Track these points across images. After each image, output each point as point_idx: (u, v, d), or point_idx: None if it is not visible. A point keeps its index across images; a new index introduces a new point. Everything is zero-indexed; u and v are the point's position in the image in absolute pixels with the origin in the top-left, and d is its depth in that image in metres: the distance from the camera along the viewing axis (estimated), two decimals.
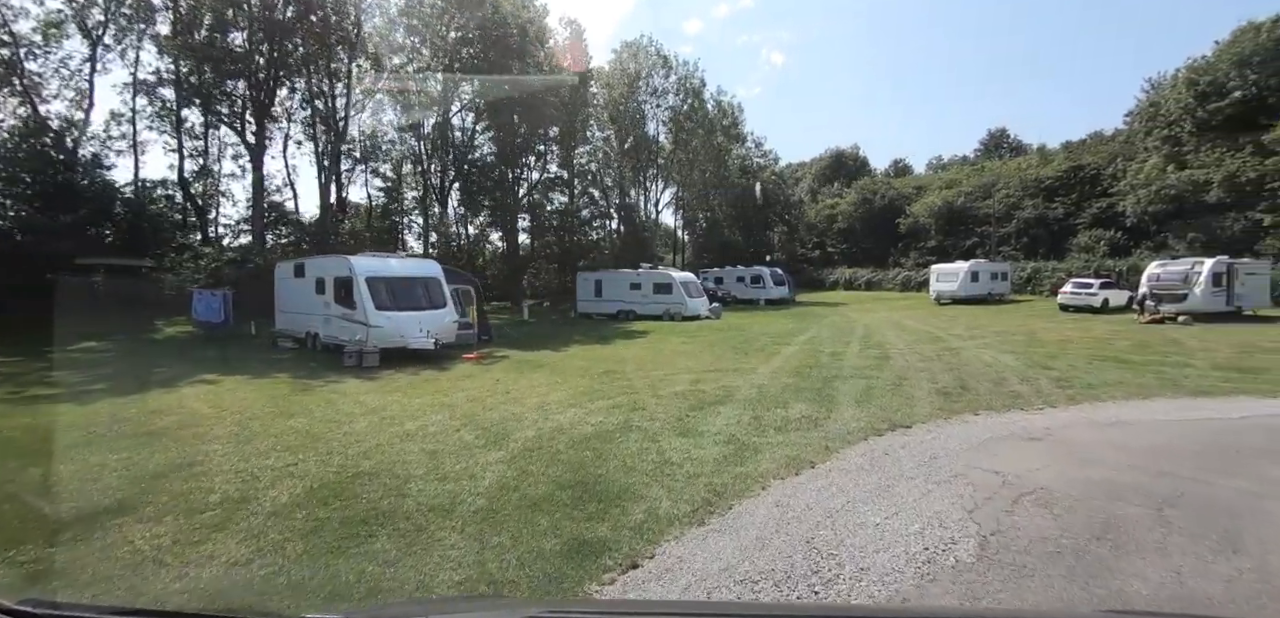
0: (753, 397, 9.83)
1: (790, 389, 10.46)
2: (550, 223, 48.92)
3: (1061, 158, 50.17)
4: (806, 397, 9.80)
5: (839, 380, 11.27)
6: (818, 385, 10.80)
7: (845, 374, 11.96)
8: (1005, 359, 13.94)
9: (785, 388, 10.58)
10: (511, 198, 42.98)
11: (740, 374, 12.22)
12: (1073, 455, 6.72)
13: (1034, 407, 9.32)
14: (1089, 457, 6.67)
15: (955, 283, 34.99)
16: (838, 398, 9.71)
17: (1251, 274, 25.39)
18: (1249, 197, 34.31)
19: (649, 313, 29.05)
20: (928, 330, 20.92)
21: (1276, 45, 36.67)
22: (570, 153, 50.56)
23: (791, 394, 10.02)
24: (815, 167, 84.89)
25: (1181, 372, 12.33)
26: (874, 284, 53.18)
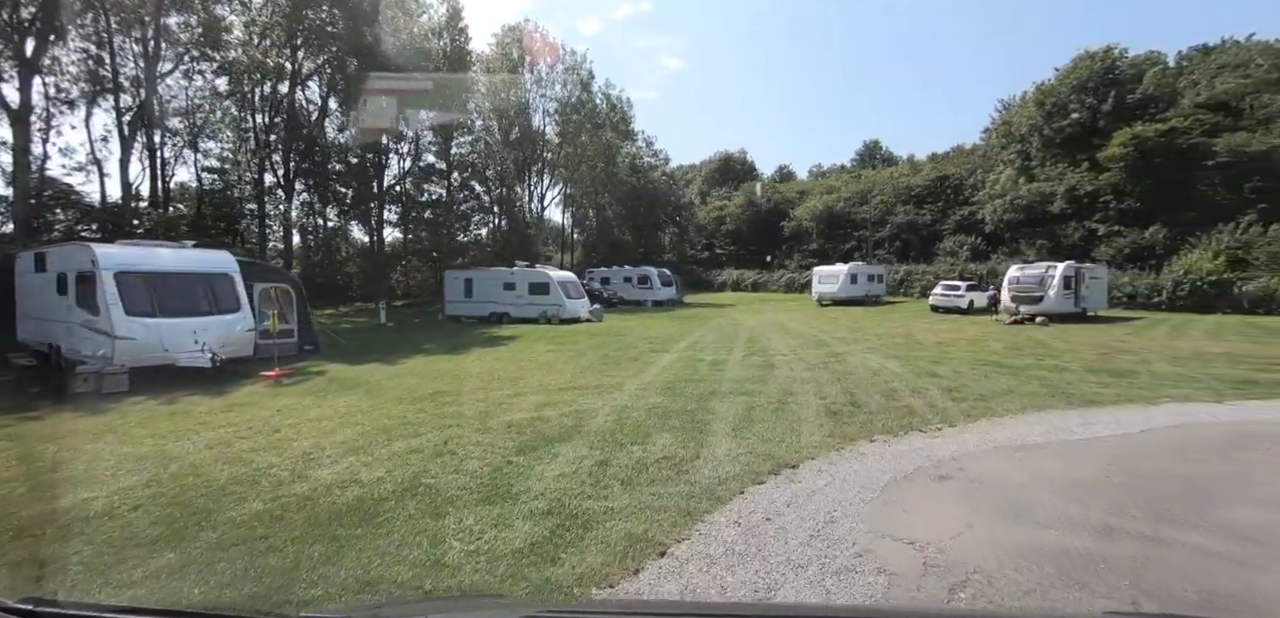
0: (608, 427, 7.75)
1: (657, 413, 8.51)
2: (423, 217, 44.75)
3: (929, 168, 53.22)
4: (675, 424, 7.87)
5: (717, 399, 9.49)
6: (691, 407, 8.94)
7: (725, 390, 10.23)
8: (891, 366, 12.94)
9: (651, 411, 8.61)
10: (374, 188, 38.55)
11: (602, 392, 10.14)
12: (996, 505, 5.22)
13: (932, 427, 8.00)
14: (1015, 505, 5.21)
15: (836, 284, 35.37)
16: (712, 424, 7.87)
17: (1094, 278, 27.19)
18: (1086, 208, 37.54)
19: (524, 315, 26.47)
20: (812, 333, 20.09)
21: (1107, 72, 40.57)
22: (449, 142, 46.71)
23: (657, 421, 8.05)
24: (705, 169, 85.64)
25: (1061, 376, 11.82)
26: (760, 285, 53.65)
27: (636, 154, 65.84)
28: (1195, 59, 48.15)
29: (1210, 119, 36.39)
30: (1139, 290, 31.11)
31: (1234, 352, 15.68)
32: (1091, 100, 40.43)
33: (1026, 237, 39.60)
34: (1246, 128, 36.17)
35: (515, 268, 28.31)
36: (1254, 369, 12.92)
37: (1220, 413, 9.14)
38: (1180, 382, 11.39)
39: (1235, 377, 11.95)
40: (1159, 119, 36.87)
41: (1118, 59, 41.16)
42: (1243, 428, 8.13)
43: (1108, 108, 39.62)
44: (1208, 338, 19.32)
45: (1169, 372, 12.53)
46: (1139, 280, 31.50)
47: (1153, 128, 35.82)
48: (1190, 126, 35.50)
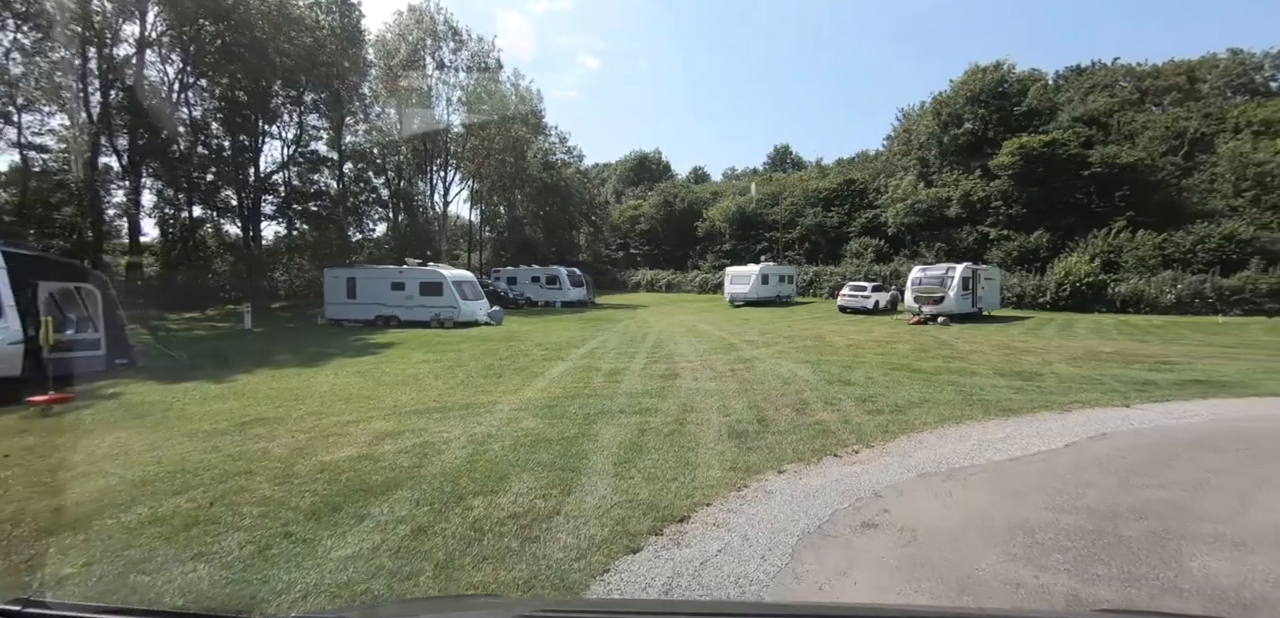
0: (455, 467, 6.06)
1: (526, 444, 6.89)
2: (309, 210, 40.62)
3: (836, 173, 54.58)
4: (544, 459, 6.30)
5: (604, 421, 8.00)
6: (570, 433, 7.39)
7: (616, 408, 8.75)
8: (802, 373, 11.96)
9: (520, 441, 6.99)
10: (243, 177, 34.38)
11: (468, 415, 8.40)
12: (934, 569, 4.01)
13: (848, 449, 6.88)
14: (957, 569, 4.02)
15: (747, 285, 35.01)
16: (591, 458, 6.35)
17: (989, 279, 28.11)
18: (979, 212, 39.33)
19: (414, 319, 24.01)
20: (722, 337, 19.09)
21: (996, 86, 42.80)
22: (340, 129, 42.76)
23: (522, 456, 6.45)
24: (620, 168, 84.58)
25: (972, 381, 11.24)
26: (674, 286, 53.05)
27: (549, 150, 63.70)
28: (1070, 78, 52.13)
29: (1085, 132, 39.12)
30: (1026, 291, 32.70)
31: (1123, 351, 16.01)
32: (983, 112, 42.58)
33: (926, 240, 41.05)
34: (1115, 142, 39.17)
35: (405, 266, 25.71)
36: (1146, 369, 12.98)
37: (1133, 419, 8.65)
38: (1085, 385, 11.07)
39: (1132, 378, 11.84)
40: (1041, 131, 39.22)
41: (1006, 74, 43.59)
42: (1163, 439, 7.57)
43: (997, 119, 41.84)
44: (1093, 337, 20.01)
45: (1071, 373, 12.30)
46: (1026, 282, 33.13)
47: (1036, 139, 38.01)
48: (1068, 139, 37.95)
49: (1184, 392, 10.64)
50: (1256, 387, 11.18)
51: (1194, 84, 45.96)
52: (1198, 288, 29.19)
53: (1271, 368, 13.23)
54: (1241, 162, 35.15)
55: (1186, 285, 29.41)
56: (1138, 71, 49.29)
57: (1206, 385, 11.21)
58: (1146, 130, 40.44)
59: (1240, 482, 5.91)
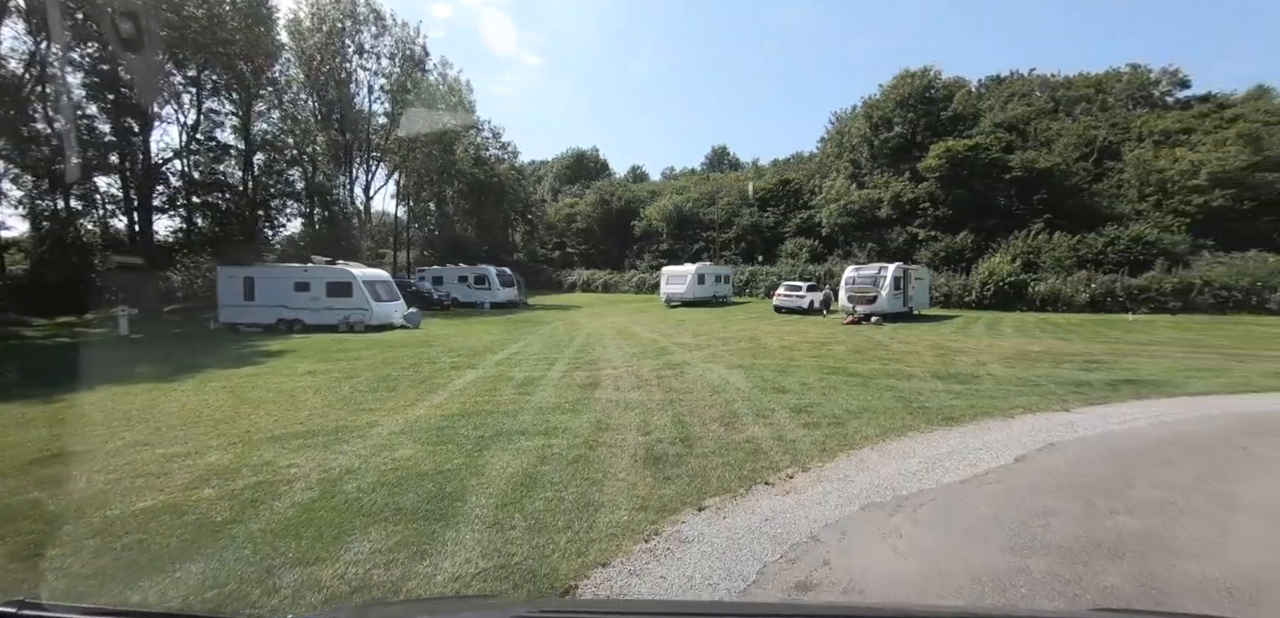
0: (281, 523, 4.68)
1: (391, 482, 5.57)
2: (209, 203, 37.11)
3: (771, 173, 54.82)
4: (407, 504, 5.01)
5: (500, 445, 6.75)
6: (454, 463, 6.11)
7: (519, 427, 7.51)
8: (735, 380, 11.04)
9: (383, 480, 5.65)
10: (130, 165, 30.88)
11: (338, 439, 6.98)
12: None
13: (782, 473, 5.91)
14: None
15: (684, 285, 34.27)
16: (468, 499, 5.11)
17: (918, 279, 28.38)
18: (909, 214, 40.09)
19: (321, 322, 21.86)
20: (654, 339, 18.09)
21: (923, 91, 43.84)
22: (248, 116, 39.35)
23: (382, 499, 5.13)
24: (557, 165, 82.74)
25: (910, 386, 10.62)
26: (611, 286, 51.92)
27: (482, 145, 61.39)
28: (991, 87, 54.26)
29: (1006, 138, 40.55)
30: (953, 290, 33.39)
31: (1050, 350, 15.99)
32: (912, 116, 43.54)
33: (859, 240, 41.56)
34: (1033, 148, 40.77)
35: (310, 265, 23.46)
36: (1077, 368, 12.81)
37: (1077, 426, 8.13)
38: (1022, 387, 10.64)
39: (1065, 378, 11.56)
40: (966, 136, 40.38)
41: (933, 80, 44.73)
42: (1112, 448, 7.00)
43: (925, 124, 42.86)
44: (1020, 335, 20.20)
45: (1006, 375, 11.93)
46: (953, 281, 33.84)
47: (961, 143, 39.07)
48: (990, 144, 39.19)
49: (1118, 393, 10.35)
50: (1183, 386, 11.06)
51: (1101, 95, 48.60)
52: (1109, 287, 30.49)
53: (1190, 366, 13.32)
54: (1145, 169, 37.22)
55: (1099, 285, 30.68)
56: (1052, 82, 51.79)
57: (1137, 385, 11.01)
58: (1061, 137, 42.37)
59: (1207, 504, 5.28)
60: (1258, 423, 8.47)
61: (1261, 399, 10.14)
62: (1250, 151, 34.25)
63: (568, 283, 55.65)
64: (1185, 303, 28.82)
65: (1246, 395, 10.48)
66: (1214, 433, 7.78)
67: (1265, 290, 27.62)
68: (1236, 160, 33.99)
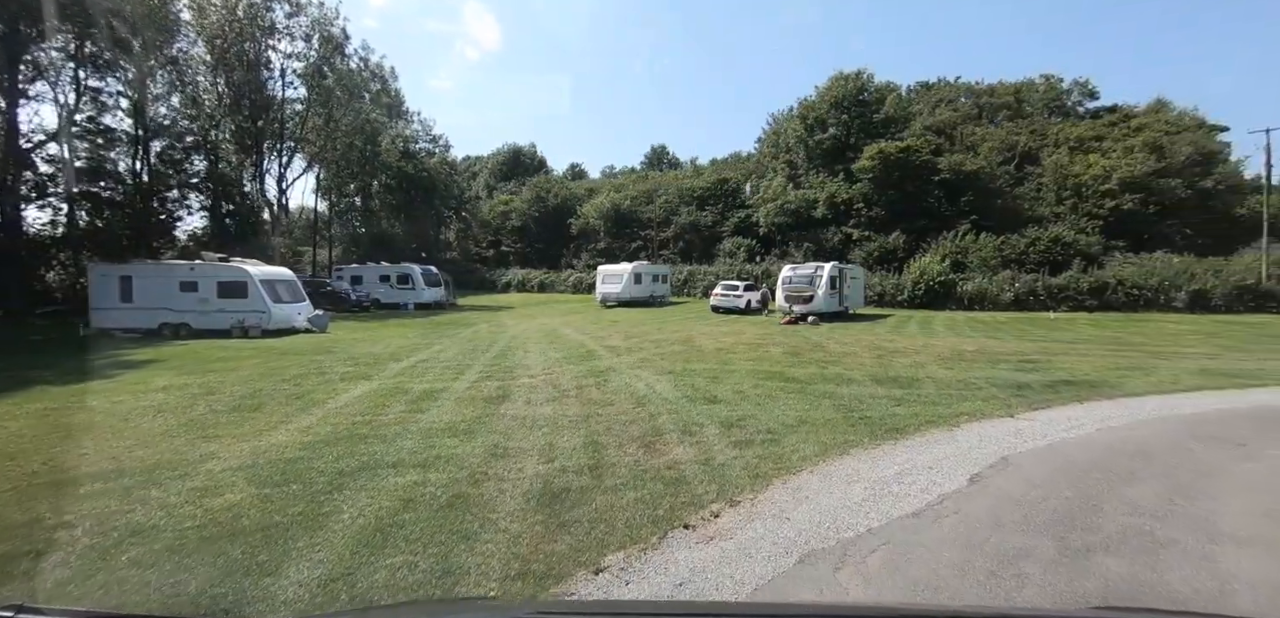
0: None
1: (178, 552, 4.17)
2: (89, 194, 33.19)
3: (710, 172, 54.52)
4: (185, 588, 3.63)
5: (360, 482, 5.42)
6: (289, 515, 4.75)
7: (392, 459, 6.17)
8: (662, 388, 9.99)
9: (172, 548, 4.24)
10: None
11: (140, 487, 5.45)
12: None
13: (707, 510, 4.87)
14: None
15: (620, 285, 33.18)
16: (281, 573, 3.80)
17: (853, 278, 28.32)
18: (843, 214, 40.43)
19: (211, 326, 19.52)
20: (582, 342, 16.89)
21: (858, 93, 44.40)
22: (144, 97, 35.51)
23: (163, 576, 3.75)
24: (493, 162, 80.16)
25: (851, 392, 9.88)
26: (547, 286, 50.26)
27: (411, 137, 58.52)
28: (920, 92, 55.82)
29: (935, 141, 41.55)
30: (886, 290, 33.71)
31: (984, 349, 15.79)
32: (846, 117, 44.02)
33: (795, 240, 41.62)
34: (959, 151, 41.92)
35: (198, 263, 20.98)
36: (1013, 368, 12.48)
37: (1025, 434, 7.51)
38: (963, 391, 10.08)
39: (1004, 380, 11.13)
40: (897, 138, 41.08)
41: (866, 83, 45.39)
42: (1068, 460, 6.34)
43: (858, 126, 43.42)
44: (952, 333, 20.15)
45: (946, 377, 11.40)
46: (886, 281, 34.18)
47: (893, 145, 39.69)
48: (920, 147, 40.01)
49: (1058, 395, 9.93)
50: (1118, 386, 10.81)
51: (1021, 104, 50.79)
52: (1032, 286, 31.43)
53: (1118, 365, 13.25)
54: (1061, 174, 38.87)
55: (1022, 284, 31.59)
56: (976, 89, 53.78)
57: (1075, 386, 10.68)
58: (985, 142, 43.84)
59: (1189, 535, 4.56)
60: (1198, 426, 8.10)
61: (1193, 399, 9.93)
62: (1155, 159, 36.24)
63: (502, 283, 53.59)
64: (1101, 301, 29.98)
65: (1177, 395, 10.27)
66: (1164, 441, 7.29)
67: (1171, 290, 29.04)
68: (1143, 167, 35.87)
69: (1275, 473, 6.18)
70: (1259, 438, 7.49)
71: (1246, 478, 5.95)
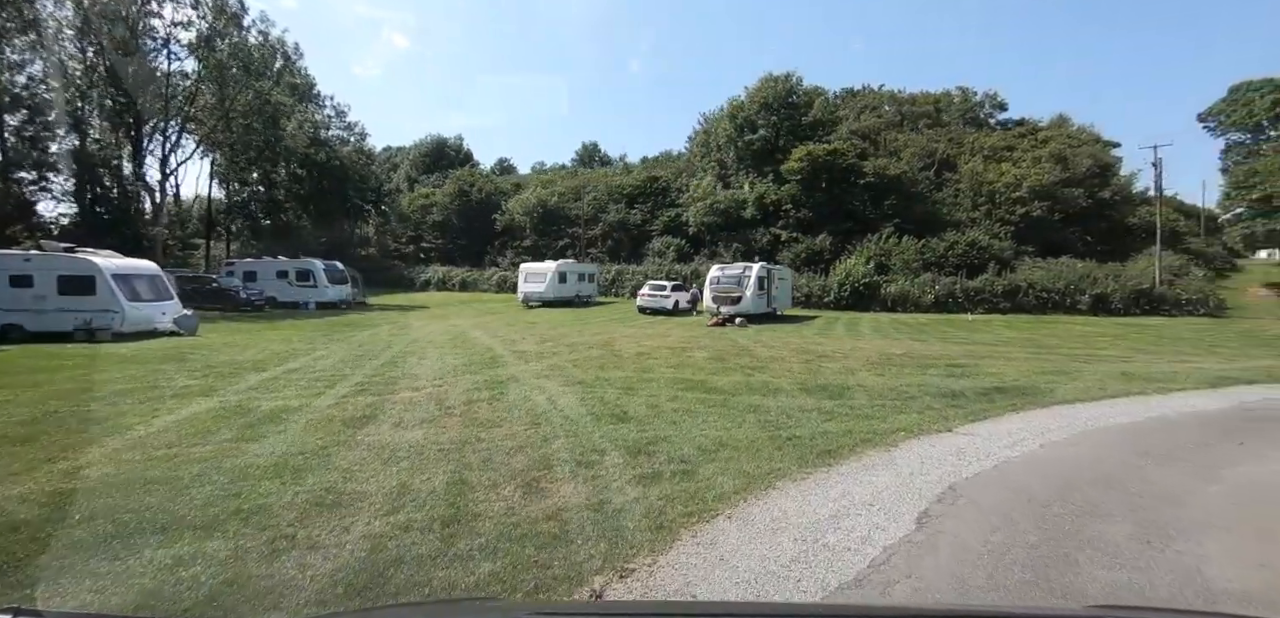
0: None
1: None
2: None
3: (640, 170, 53.56)
4: None
5: (98, 559, 3.76)
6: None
7: (171, 514, 4.56)
8: (566, 403, 8.65)
9: None
10: None
11: None
12: None
13: (587, 584, 3.56)
14: None
15: (543, 284, 31.55)
16: None
17: (781, 279, 27.93)
18: (772, 215, 40.32)
19: (49, 328, 16.59)
20: (490, 347, 15.31)
21: (787, 95, 44.52)
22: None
23: None
24: (415, 153, 76.19)
25: (777, 404, 8.88)
26: (470, 284, 47.81)
27: (322, 122, 54.44)
28: (846, 98, 56.93)
29: (860, 146, 42.14)
30: (813, 291, 33.68)
31: (912, 353, 15.34)
32: (775, 119, 44.05)
33: (724, 240, 41.19)
34: (883, 156, 42.73)
35: (35, 253, 17.89)
36: (943, 374, 11.91)
37: (967, 454, 6.67)
38: (897, 401, 9.29)
39: (937, 387, 10.47)
40: (825, 141, 41.40)
41: (795, 85, 45.61)
42: (1023, 489, 5.45)
43: (787, 127, 43.52)
44: (878, 336, 19.86)
45: (877, 385, 10.63)
46: (813, 282, 34.16)
47: (821, 148, 39.93)
48: (847, 150, 40.45)
49: (993, 405, 9.29)
50: (1049, 393, 10.35)
51: (939, 113, 52.63)
52: (950, 289, 32.13)
53: (1043, 369, 12.98)
54: (976, 180, 40.25)
55: (942, 286, 32.24)
56: (898, 98, 55.39)
57: (1007, 394, 10.13)
58: (908, 148, 44.94)
59: (1187, 591, 3.64)
60: (1140, 439, 7.55)
61: (1122, 406, 9.55)
62: (1060, 169, 38.03)
63: (421, 281, 50.62)
64: (1013, 303, 30.96)
65: (1106, 402, 9.88)
66: (1115, 460, 6.60)
67: (1076, 293, 30.31)
68: (1049, 176, 37.56)
69: (1239, 501, 5.51)
70: (1204, 452, 6.96)
71: (1215, 508, 5.23)
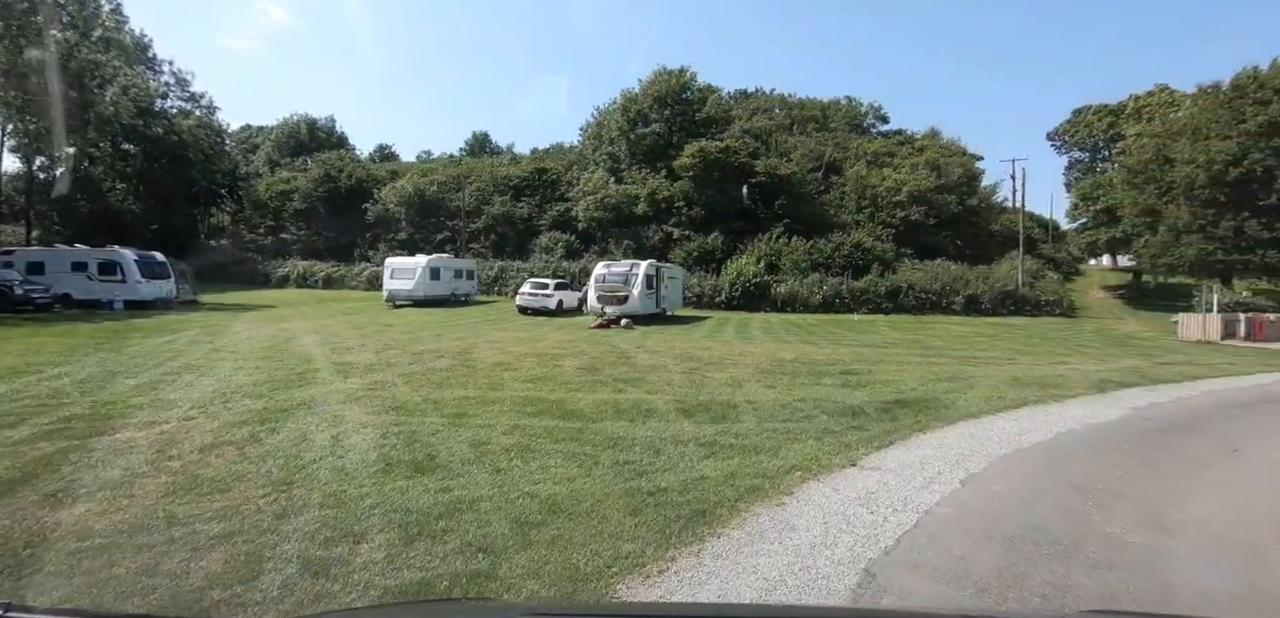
0: None
1: None
2: None
3: (528, 161, 50.70)
4: None
5: None
6: None
7: None
8: (359, 442, 6.29)
9: None
10: None
11: None
12: None
13: None
14: None
15: (412, 281, 28.17)
16: None
17: (671, 278, 26.52)
18: (665, 212, 39.07)
19: None
20: (312, 358, 12.41)
21: (681, 90, 43.51)
22: None
23: None
24: (279, 134, 68.26)
25: (647, 433, 7.01)
26: (336, 281, 42.77)
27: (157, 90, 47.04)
28: (738, 99, 57.17)
29: (753, 144, 41.90)
30: (705, 291, 32.69)
31: (803, 358, 14.17)
32: (668, 113, 42.93)
33: (615, 237, 39.45)
34: (774, 157, 42.82)
35: None
36: (838, 385, 10.63)
37: (881, 500, 5.15)
38: (790, 423, 7.76)
39: (832, 403, 9.08)
40: (718, 138, 40.76)
41: (689, 81, 44.70)
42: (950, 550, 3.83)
43: (680, 123, 42.54)
44: (769, 338, 18.81)
45: (768, 401, 9.08)
46: (705, 281, 33.19)
47: (714, 145, 39.18)
48: (739, 148, 40.03)
49: (897, 423, 8.00)
50: (950, 404, 9.31)
51: (827, 119, 54.06)
52: (837, 289, 32.28)
53: (937, 375, 12.14)
54: (860, 184, 41.26)
55: (830, 287, 32.33)
56: (789, 102, 56.40)
57: (910, 408, 8.95)
58: (797, 150, 45.44)
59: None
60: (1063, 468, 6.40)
61: (1028, 419, 8.65)
62: (935, 176, 39.70)
63: (279, 276, 44.77)
64: (895, 304, 31.57)
65: (1009, 414, 8.98)
66: (1050, 503, 5.26)
67: (952, 293, 31.39)
68: (926, 183, 39.08)
69: (1208, 557, 4.23)
70: (1136, 485, 5.83)
71: (1195, 581, 3.85)
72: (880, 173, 41.65)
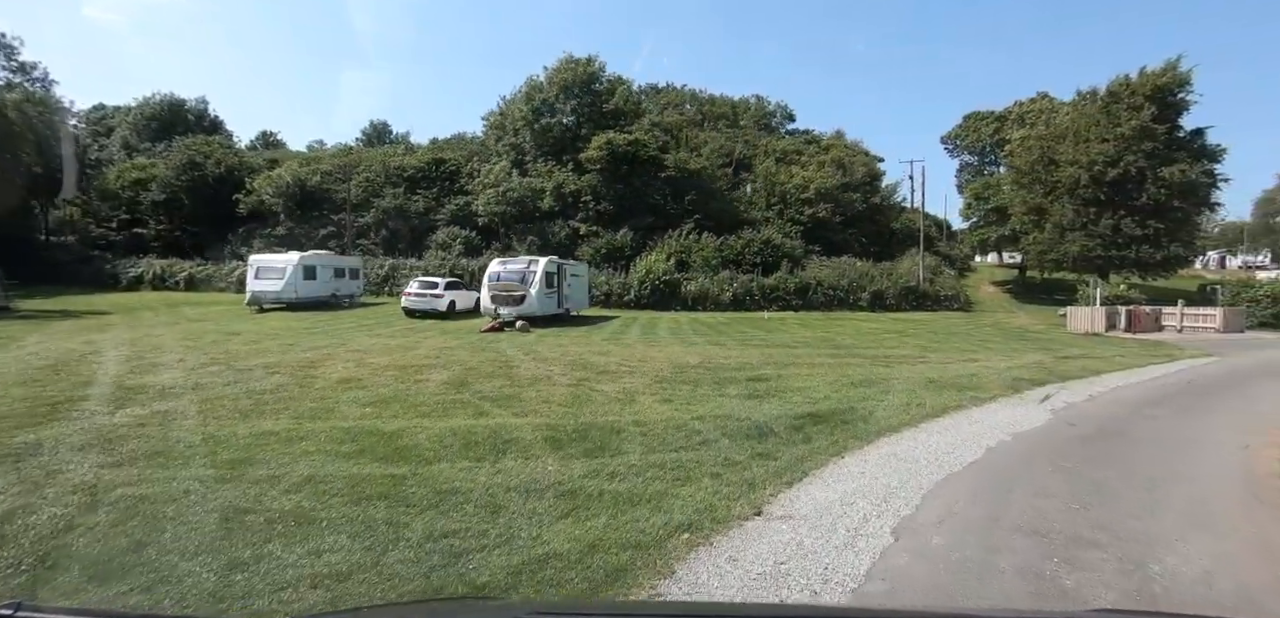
0: None
1: None
2: None
3: (426, 150, 47.30)
4: None
5: None
6: None
7: None
8: (43, 520, 4.09)
9: None
10: None
11: None
12: None
13: None
14: None
15: (281, 281, 24.75)
16: None
17: (576, 276, 24.79)
18: (571, 207, 37.20)
19: None
20: (88, 380, 9.73)
21: (589, 80, 41.72)
22: None
23: None
24: (138, 115, 60.25)
25: (491, 473, 5.36)
26: (201, 282, 37.67)
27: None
28: (649, 94, 56.12)
29: (663, 138, 40.83)
30: (614, 289, 31.19)
31: (708, 361, 12.90)
32: (575, 103, 41.06)
33: (519, 232, 37.15)
34: (684, 152, 41.97)
35: None
36: (743, 396, 9.35)
37: (793, 580, 3.67)
38: (683, 453, 6.28)
39: (735, 419, 7.75)
40: (627, 131, 39.33)
41: (598, 71, 42.94)
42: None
43: (588, 114, 40.77)
44: (675, 340, 17.54)
45: (661, 421, 7.59)
46: (614, 279, 31.68)
47: (623, 137, 37.68)
48: (649, 141, 38.82)
49: (810, 445, 6.74)
50: (868, 418, 8.21)
51: (738, 117, 54.08)
52: (748, 286, 31.71)
53: (849, 379, 11.15)
54: (770, 181, 41.19)
55: (740, 284, 31.71)
56: (700, 98, 55.99)
57: (824, 423, 7.74)
58: (707, 146, 44.86)
59: None
60: (1004, 499, 5.27)
61: (954, 432, 7.66)
62: (841, 175, 40.23)
63: (131, 277, 39.00)
64: (804, 301, 31.39)
65: (932, 425, 8.05)
66: (1002, 552, 3.98)
67: (858, 290, 31.60)
68: (832, 181, 39.50)
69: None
70: (1092, 517, 4.72)
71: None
72: (789, 171, 41.78)
